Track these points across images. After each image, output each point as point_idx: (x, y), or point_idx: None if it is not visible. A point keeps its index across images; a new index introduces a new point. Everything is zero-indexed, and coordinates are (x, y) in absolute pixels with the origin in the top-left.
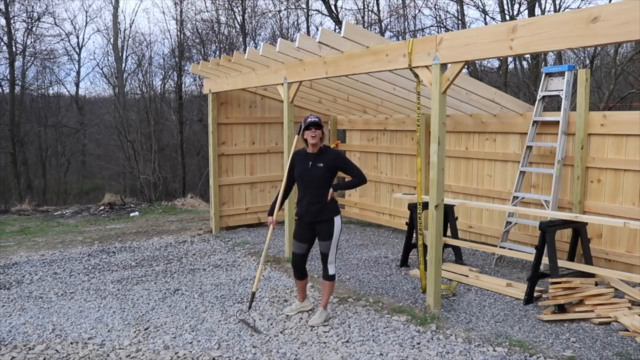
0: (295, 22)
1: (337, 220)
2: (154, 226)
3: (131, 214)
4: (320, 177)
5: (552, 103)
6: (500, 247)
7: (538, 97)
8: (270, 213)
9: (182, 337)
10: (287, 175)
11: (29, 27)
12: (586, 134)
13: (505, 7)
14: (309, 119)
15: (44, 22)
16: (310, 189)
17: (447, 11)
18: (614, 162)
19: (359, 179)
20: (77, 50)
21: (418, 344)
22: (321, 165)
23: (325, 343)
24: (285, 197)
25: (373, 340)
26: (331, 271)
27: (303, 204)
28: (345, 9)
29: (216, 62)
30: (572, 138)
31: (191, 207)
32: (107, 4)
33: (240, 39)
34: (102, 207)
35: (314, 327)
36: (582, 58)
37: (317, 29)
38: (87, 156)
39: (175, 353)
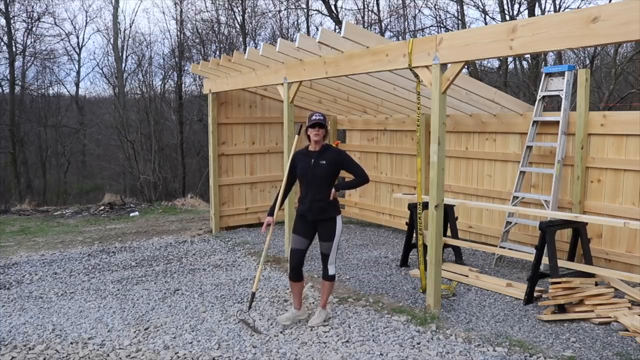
0: (295, 22)
1: (339, 220)
2: (154, 226)
3: (131, 214)
4: (323, 175)
5: (552, 103)
6: (500, 247)
7: (538, 97)
8: (270, 213)
9: (182, 337)
10: (287, 176)
11: (29, 27)
12: (586, 134)
13: (505, 7)
14: (314, 117)
15: (44, 22)
16: (313, 186)
17: (447, 11)
18: (614, 162)
19: (360, 179)
20: (77, 50)
21: (418, 344)
22: (324, 162)
23: (325, 343)
24: (284, 198)
25: (373, 340)
26: (331, 271)
27: (305, 202)
28: (345, 9)
29: (216, 62)
30: (572, 138)
31: (191, 207)
32: (107, 4)
33: (240, 39)
34: (102, 207)
35: (313, 327)
36: (582, 58)
37: (317, 29)
38: (87, 156)
39: (175, 353)
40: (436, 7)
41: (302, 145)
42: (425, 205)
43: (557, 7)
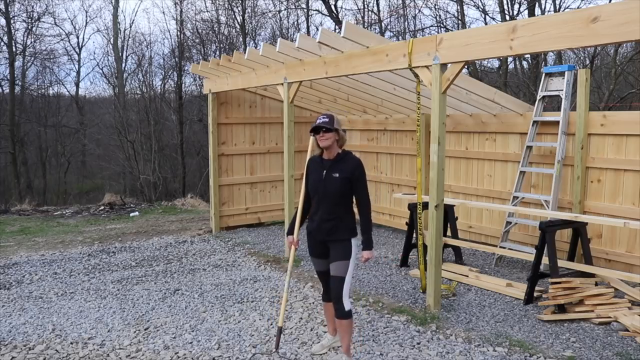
0: (295, 22)
1: (354, 242)
2: (154, 226)
3: (131, 214)
4: (335, 191)
5: (552, 103)
6: (500, 247)
7: (538, 97)
8: (290, 232)
9: (182, 337)
10: (305, 187)
11: (29, 27)
12: (586, 134)
13: (505, 7)
14: (318, 120)
15: (44, 22)
16: (324, 203)
17: (447, 11)
18: (614, 162)
19: (367, 210)
20: (77, 50)
21: (418, 344)
22: (336, 175)
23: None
24: (305, 212)
25: (373, 340)
26: (347, 306)
27: (315, 219)
28: (345, 9)
29: (216, 62)
30: (572, 138)
31: (191, 207)
32: (107, 4)
33: (240, 39)
34: (102, 207)
35: (313, 327)
36: (582, 58)
37: (317, 29)
38: (87, 156)
39: (175, 353)
40: (436, 7)
41: (317, 147)
42: (425, 205)
43: (557, 7)
